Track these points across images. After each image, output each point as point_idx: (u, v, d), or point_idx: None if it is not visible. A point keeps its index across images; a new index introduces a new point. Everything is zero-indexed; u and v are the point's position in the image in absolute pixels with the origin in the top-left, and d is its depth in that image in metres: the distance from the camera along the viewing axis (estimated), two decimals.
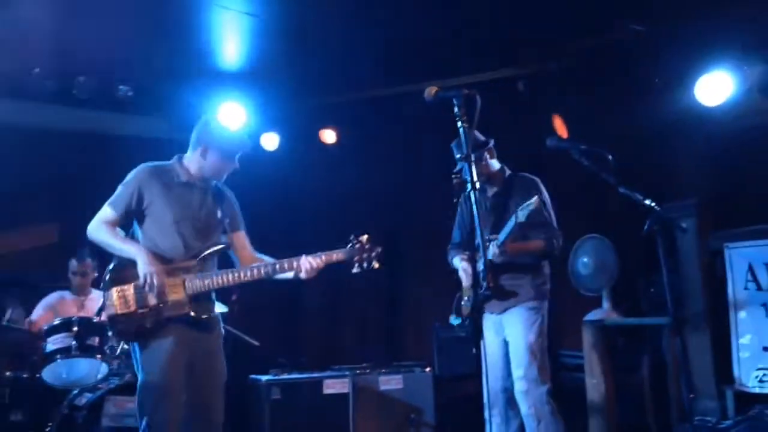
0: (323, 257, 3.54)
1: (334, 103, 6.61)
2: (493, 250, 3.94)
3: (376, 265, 3.52)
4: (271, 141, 6.68)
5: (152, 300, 3.41)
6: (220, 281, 3.49)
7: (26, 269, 5.60)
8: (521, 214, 3.80)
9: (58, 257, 5.56)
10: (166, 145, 6.24)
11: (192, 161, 3.61)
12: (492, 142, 4.23)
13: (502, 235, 3.91)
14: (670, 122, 5.46)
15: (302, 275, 3.54)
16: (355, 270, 3.53)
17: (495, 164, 4.26)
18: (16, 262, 5.69)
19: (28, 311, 5.19)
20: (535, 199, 3.78)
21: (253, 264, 3.62)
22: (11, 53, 5.33)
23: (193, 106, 6.21)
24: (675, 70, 5.29)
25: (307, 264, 3.51)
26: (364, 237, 3.54)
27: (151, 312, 3.41)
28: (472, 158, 2.70)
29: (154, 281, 3.37)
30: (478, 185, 2.72)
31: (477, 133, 4.17)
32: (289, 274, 3.58)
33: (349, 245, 3.54)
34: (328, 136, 6.80)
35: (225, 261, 3.79)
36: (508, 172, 4.27)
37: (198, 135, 3.61)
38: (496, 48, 5.78)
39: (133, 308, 3.41)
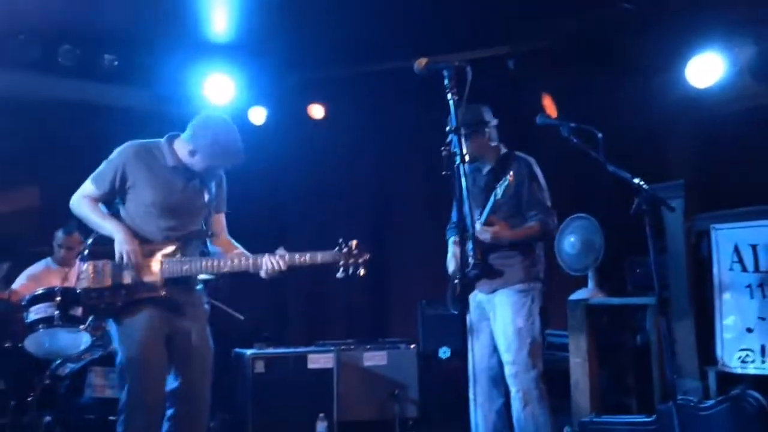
0: (307, 257, 3.43)
1: (322, 78, 6.56)
2: (478, 230, 3.91)
3: (362, 272, 3.42)
4: (258, 115, 6.63)
5: (127, 278, 3.35)
6: (199, 267, 3.42)
7: (7, 233, 5.54)
8: (499, 191, 3.82)
9: (40, 221, 5.50)
10: (151, 116, 6.20)
11: (181, 150, 3.48)
12: (495, 122, 4.17)
13: (483, 215, 3.90)
14: (660, 102, 5.46)
15: (262, 274, 3.43)
16: (339, 275, 3.42)
17: (493, 142, 4.20)
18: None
19: (10, 279, 5.14)
20: (509, 174, 3.77)
21: (231, 252, 3.56)
22: None
23: (180, 78, 6.16)
24: (666, 50, 5.28)
25: (269, 264, 3.38)
26: (353, 242, 3.43)
27: (124, 290, 3.35)
28: (462, 132, 2.65)
29: (130, 259, 3.31)
30: (467, 158, 2.68)
31: (484, 109, 4.13)
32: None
33: (337, 248, 3.43)
34: (316, 111, 6.76)
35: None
36: (504, 150, 4.23)
37: (192, 132, 3.44)
38: (486, 25, 5.74)
39: (106, 284, 3.35)
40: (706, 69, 5.13)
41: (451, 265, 4.24)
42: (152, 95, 6.30)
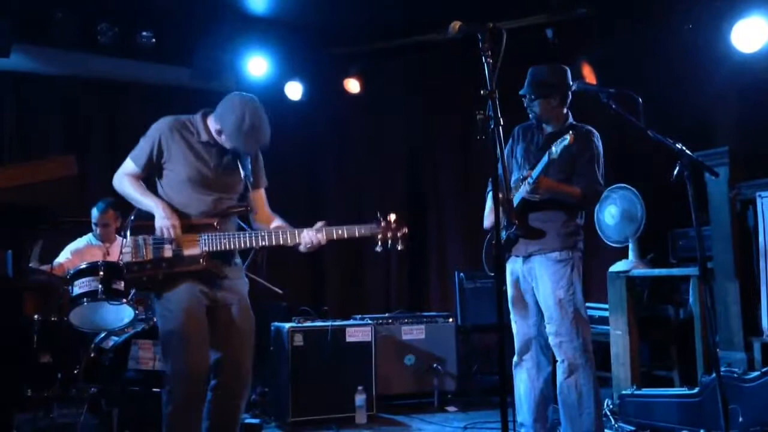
0: (345, 231, 3.43)
1: (359, 52, 6.52)
2: (526, 187, 3.83)
3: (399, 246, 3.42)
4: (294, 90, 6.63)
5: (168, 252, 3.38)
6: (237, 242, 3.43)
7: (47, 202, 5.64)
8: (555, 150, 3.66)
9: (77, 193, 5.57)
10: (188, 93, 6.25)
11: (213, 126, 3.49)
12: (572, 86, 4.02)
13: (535, 172, 3.81)
14: (704, 68, 5.32)
15: (301, 248, 3.44)
16: (378, 248, 3.42)
17: (562, 107, 4.04)
18: (37, 194, 5.72)
19: (52, 251, 5.21)
20: (569, 134, 3.65)
21: (271, 226, 3.56)
22: None
23: (216, 54, 6.18)
24: (710, 15, 5.13)
25: (307, 238, 3.40)
26: (392, 216, 3.42)
27: (165, 263, 3.38)
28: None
29: (170, 234, 3.35)
30: (501, 122, 2.64)
31: (557, 72, 3.97)
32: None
33: (375, 222, 3.43)
34: (353, 85, 6.73)
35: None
36: (570, 119, 4.12)
37: (219, 111, 3.45)
38: None
39: (147, 257, 3.38)
40: (752, 33, 4.96)
41: (487, 220, 4.16)
42: (190, 72, 6.33)
